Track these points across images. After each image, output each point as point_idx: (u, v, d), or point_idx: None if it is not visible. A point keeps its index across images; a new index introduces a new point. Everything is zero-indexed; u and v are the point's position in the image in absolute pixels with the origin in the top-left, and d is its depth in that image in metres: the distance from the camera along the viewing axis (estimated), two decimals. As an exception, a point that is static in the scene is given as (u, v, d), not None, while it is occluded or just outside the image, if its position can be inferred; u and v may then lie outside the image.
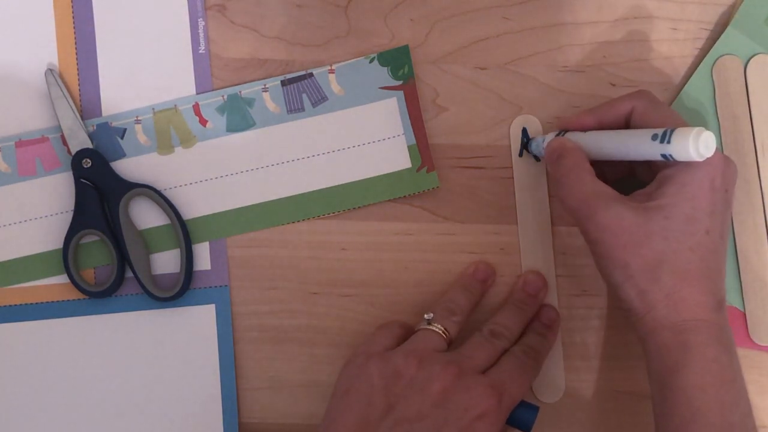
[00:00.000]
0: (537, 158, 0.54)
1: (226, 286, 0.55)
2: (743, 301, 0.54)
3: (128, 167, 0.55)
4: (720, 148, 0.53)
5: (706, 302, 0.45)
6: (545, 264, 0.54)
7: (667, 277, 0.44)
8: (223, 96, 0.55)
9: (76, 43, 0.55)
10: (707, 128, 0.53)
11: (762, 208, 0.53)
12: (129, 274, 0.54)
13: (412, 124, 0.55)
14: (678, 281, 0.44)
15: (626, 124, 0.49)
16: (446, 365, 0.46)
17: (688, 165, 0.44)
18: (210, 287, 0.55)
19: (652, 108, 0.47)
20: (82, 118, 0.54)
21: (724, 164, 0.45)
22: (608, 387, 0.55)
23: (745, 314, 0.54)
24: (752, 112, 0.53)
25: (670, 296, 0.44)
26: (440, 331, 0.49)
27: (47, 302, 0.54)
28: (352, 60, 0.55)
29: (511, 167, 0.55)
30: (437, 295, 0.54)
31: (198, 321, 0.55)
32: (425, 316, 0.50)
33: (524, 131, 0.54)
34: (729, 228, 0.47)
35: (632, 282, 0.45)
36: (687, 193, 0.44)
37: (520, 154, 0.54)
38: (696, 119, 0.54)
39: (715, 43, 0.54)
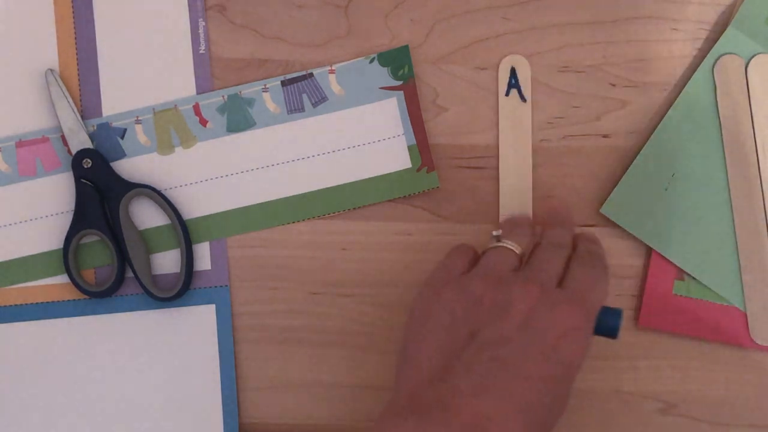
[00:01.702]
0: (523, 99, 0.54)
1: (226, 286, 0.55)
2: (744, 300, 0.53)
3: (128, 167, 0.55)
4: (721, 148, 0.53)
5: None
6: (522, 205, 0.54)
7: None
8: (223, 96, 0.55)
9: (76, 43, 0.55)
10: (708, 127, 0.53)
11: (762, 207, 0.53)
12: (129, 274, 0.54)
13: (412, 124, 0.55)
14: None
15: None
16: (525, 284, 0.44)
17: None
18: (210, 287, 0.55)
19: None
20: (82, 118, 0.54)
21: None
22: (609, 387, 0.55)
23: (746, 314, 0.54)
24: (753, 112, 0.53)
25: None
26: (513, 248, 0.47)
27: (47, 302, 0.54)
28: (352, 60, 0.55)
29: (511, 167, 0.55)
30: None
31: (198, 321, 0.55)
32: (493, 233, 0.48)
33: (512, 71, 0.54)
34: None
35: None
36: None
37: (507, 94, 0.54)
38: (696, 119, 0.54)
39: (715, 43, 0.54)
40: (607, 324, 0.46)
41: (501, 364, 0.42)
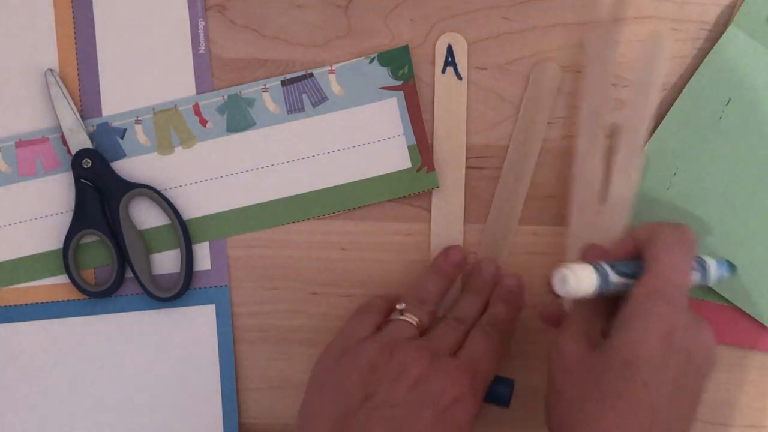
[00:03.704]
0: (459, 77, 0.54)
1: (226, 286, 0.55)
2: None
3: (128, 167, 0.55)
4: (722, 146, 0.53)
5: None
6: (456, 179, 0.54)
7: (589, 416, 0.42)
8: (223, 96, 0.55)
9: (76, 43, 0.55)
10: (709, 126, 0.53)
11: None
12: (129, 274, 0.54)
13: (412, 124, 0.55)
14: (600, 425, 0.41)
15: None
16: (419, 351, 0.46)
17: (642, 310, 0.43)
18: (210, 287, 0.55)
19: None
20: (82, 118, 0.54)
21: (689, 323, 0.43)
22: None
23: (747, 314, 0.54)
24: None
25: None
26: (413, 322, 0.49)
27: (47, 302, 0.55)
28: (352, 60, 0.55)
29: (511, 167, 0.55)
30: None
31: (198, 321, 0.55)
32: (397, 306, 0.50)
33: (449, 49, 0.54)
34: (691, 398, 0.43)
35: (557, 410, 0.44)
36: (631, 337, 0.42)
37: (443, 71, 0.54)
38: (697, 119, 0.54)
39: (715, 43, 0.54)
40: (497, 393, 0.48)
41: (394, 425, 0.43)
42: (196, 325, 0.55)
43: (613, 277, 0.45)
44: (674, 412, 0.42)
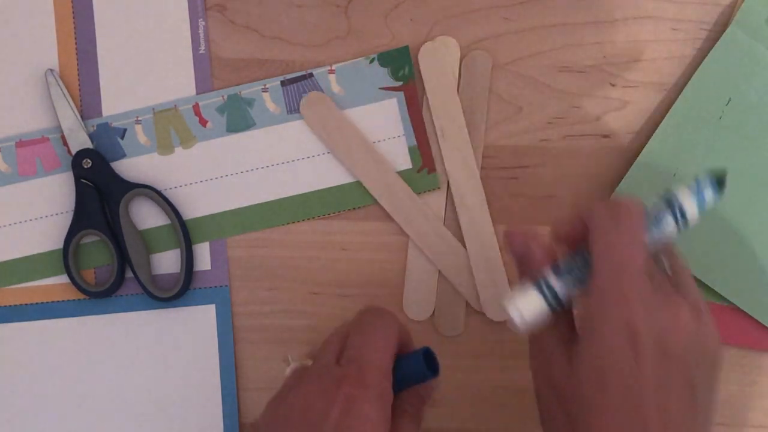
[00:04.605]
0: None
1: (226, 286, 0.55)
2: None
3: (128, 167, 0.55)
4: (721, 147, 0.53)
5: None
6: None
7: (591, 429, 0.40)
8: (223, 96, 0.55)
9: (76, 43, 0.55)
10: (709, 127, 0.53)
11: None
12: (129, 274, 0.54)
13: (412, 125, 0.55)
14: None
15: None
16: (303, 380, 0.44)
17: (599, 315, 0.40)
18: (210, 287, 0.55)
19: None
20: (82, 118, 0.54)
21: (652, 306, 0.40)
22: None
23: (747, 314, 0.54)
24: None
25: None
26: (304, 363, 0.47)
27: (47, 302, 0.55)
28: (352, 60, 0.55)
29: (513, 167, 0.55)
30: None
31: (198, 321, 0.55)
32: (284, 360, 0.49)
33: None
34: (683, 386, 0.40)
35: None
36: (598, 347, 0.40)
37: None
38: (697, 119, 0.54)
39: (715, 43, 0.54)
40: (411, 369, 0.44)
41: None
42: (196, 325, 0.55)
43: (561, 288, 0.42)
44: (669, 406, 0.39)
